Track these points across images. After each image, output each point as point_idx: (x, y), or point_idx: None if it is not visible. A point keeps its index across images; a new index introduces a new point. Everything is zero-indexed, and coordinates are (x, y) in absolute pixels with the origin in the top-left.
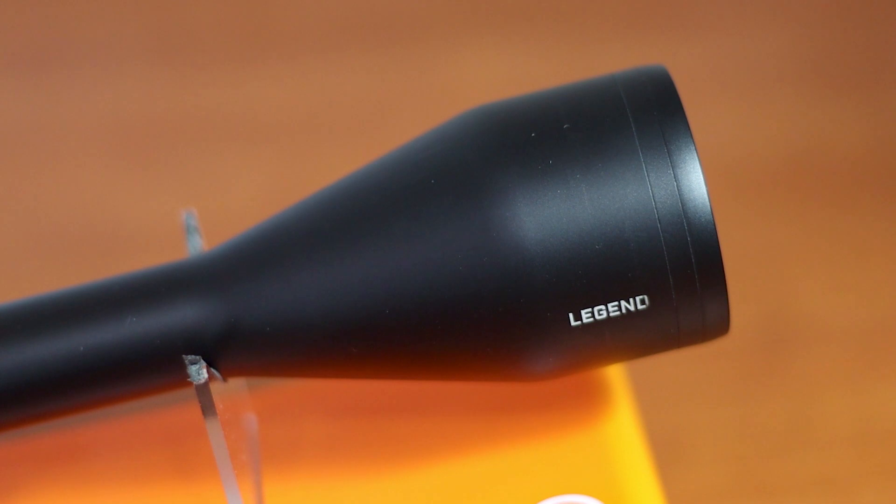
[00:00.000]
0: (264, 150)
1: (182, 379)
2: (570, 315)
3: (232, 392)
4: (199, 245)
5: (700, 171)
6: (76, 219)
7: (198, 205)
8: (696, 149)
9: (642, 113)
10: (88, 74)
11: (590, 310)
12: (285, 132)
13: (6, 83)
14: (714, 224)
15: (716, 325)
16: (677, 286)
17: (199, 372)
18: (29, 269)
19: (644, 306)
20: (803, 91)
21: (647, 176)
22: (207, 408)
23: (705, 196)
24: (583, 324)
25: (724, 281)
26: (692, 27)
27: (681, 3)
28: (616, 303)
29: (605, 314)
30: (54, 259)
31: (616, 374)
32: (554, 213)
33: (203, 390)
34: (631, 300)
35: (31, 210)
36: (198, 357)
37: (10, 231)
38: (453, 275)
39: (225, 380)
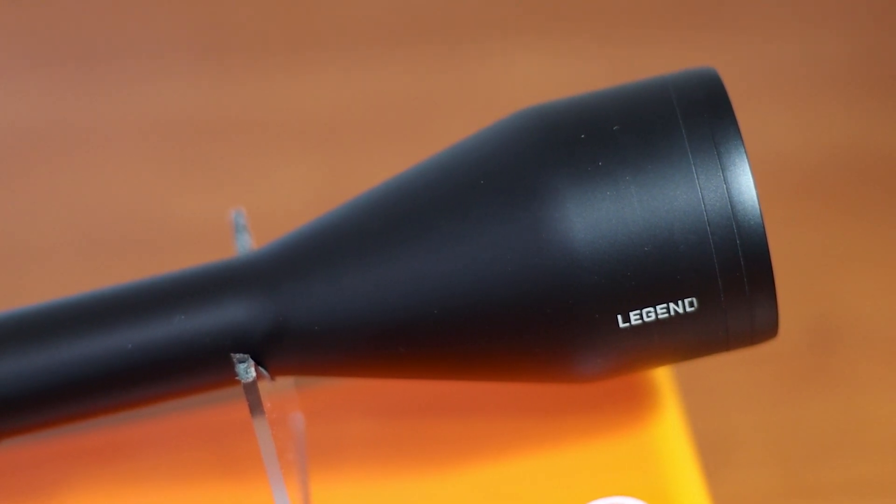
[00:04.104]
0: (313, 150)
1: (230, 377)
2: (619, 317)
3: (279, 391)
4: (247, 244)
5: (750, 173)
6: (124, 217)
7: (246, 204)
8: (745, 151)
9: (692, 115)
10: (138, 72)
11: (638, 312)
12: (334, 132)
13: (53, 81)
14: (763, 227)
15: (764, 327)
16: (726, 289)
17: (247, 370)
18: (78, 266)
19: (692, 309)
20: (851, 94)
21: (697, 178)
22: (255, 406)
23: (755, 199)
24: (631, 326)
25: (773, 284)
26: (740, 29)
27: (728, 5)
28: (664, 305)
29: (653, 316)
30: (103, 257)
31: (663, 376)
32: (603, 215)
33: (251, 389)
34: (679, 302)
35: (79, 208)
36: (246, 356)
37: (60, 228)
38: (502, 275)
39: (273, 379)
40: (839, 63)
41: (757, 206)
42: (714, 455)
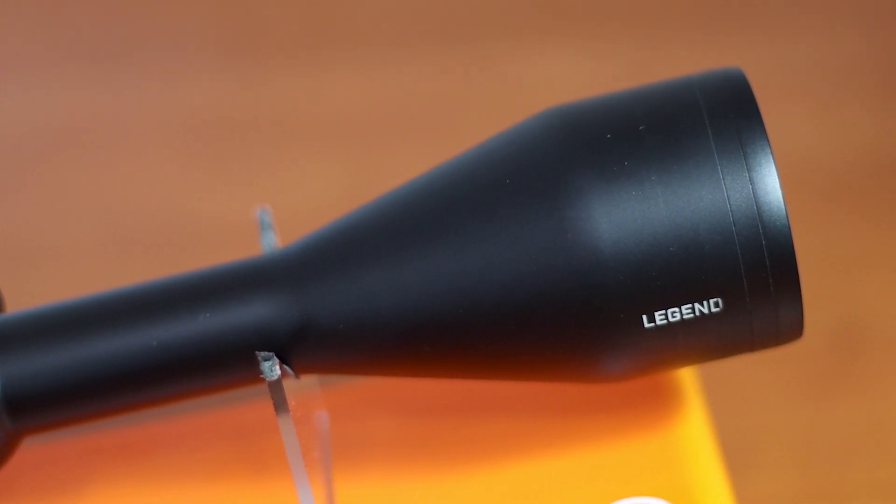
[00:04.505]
0: (338, 148)
1: (255, 375)
2: (644, 317)
3: (304, 389)
4: (273, 242)
5: (776, 174)
6: (149, 215)
7: (271, 202)
8: (771, 152)
9: (718, 115)
10: (163, 70)
11: (663, 312)
12: (359, 131)
13: (77, 78)
14: (789, 227)
15: (789, 328)
16: (751, 289)
17: (272, 369)
18: (103, 264)
19: (718, 309)
20: (875, 95)
21: (723, 179)
22: (280, 404)
23: (780, 199)
24: (656, 326)
25: (799, 284)
26: (766, 30)
27: (754, 5)
28: (690, 305)
29: (678, 316)
30: (128, 254)
31: (688, 377)
32: (629, 215)
33: (276, 387)
34: (704, 303)
35: (105, 205)
36: (271, 354)
37: (86, 226)
38: (527, 275)
39: (297, 377)
40: (862, 64)
41: (783, 206)
42: (738, 456)
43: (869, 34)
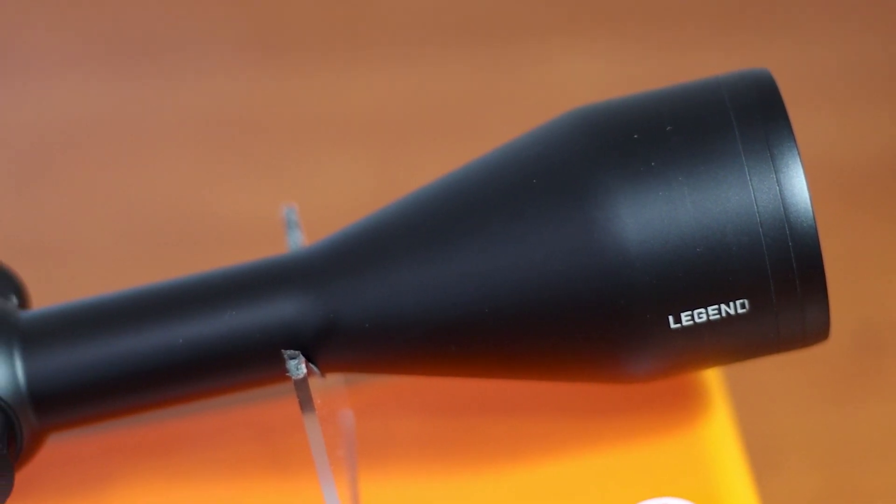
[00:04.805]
0: (365, 147)
1: (280, 373)
2: (670, 317)
3: (329, 388)
4: (299, 240)
5: (803, 175)
6: (176, 212)
7: (298, 200)
8: (799, 153)
9: (745, 116)
10: (191, 68)
11: (689, 312)
12: (386, 129)
13: (106, 75)
14: (816, 229)
15: (815, 330)
16: (778, 290)
17: (297, 367)
18: (129, 261)
19: (744, 310)
20: None
21: (750, 180)
22: (305, 403)
23: (807, 201)
24: (682, 326)
25: (825, 286)
26: (790, 32)
27: (779, 6)
28: (716, 306)
29: (704, 317)
30: (154, 252)
31: (713, 377)
32: (656, 215)
33: (301, 385)
34: (731, 304)
35: (131, 202)
36: (297, 352)
37: (110, 223)
38: (554, 274)
39: (323, 375)
40: (887, 67)
41: (810, 208)
42: (762, 457)
43: (891, 37)
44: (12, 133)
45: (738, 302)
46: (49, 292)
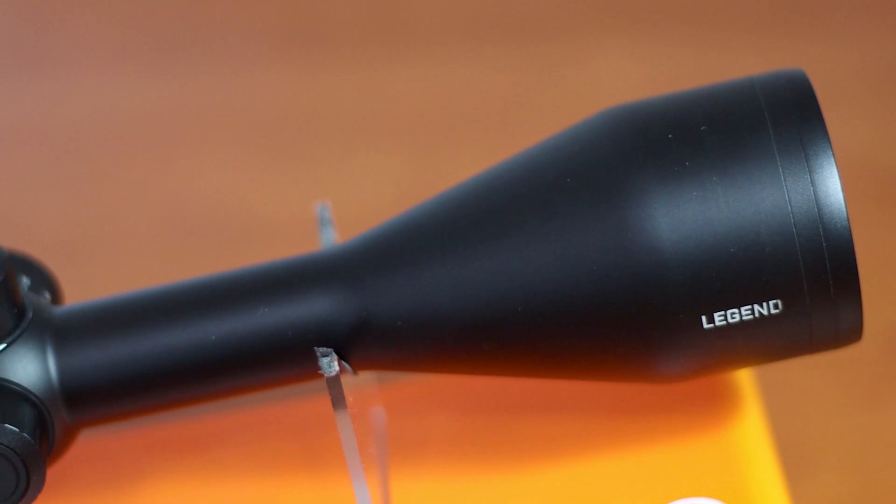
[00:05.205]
0: (399, 145)
1: (313, 371)
2: (703, 317)
3: (361, 385)
4: (332, 238)
5: (837, 176)
6: (210, 208)
7: (331, 197)
8: (833, 154)
9: (780, 117)
10: (228, 64)
11: (723, 313)
12: (421, 127)
13: (145, 72)
14: (850, 230)
15: (849, 331)
16: (811, 291)
17: (330, 364)
18: (162, 257)
19: (777, 311)
20: None
21: (784, 180)
22: (338, 400)
23: (842, 202)
24: (715, 327)
25: (859, 287)
26: (824, 32)
27: (814, 9)
28: (749, 306)
29: (737, 318)
30: (187, 248)
31: (745, 378)
32: (690, 215)
33: (334, 383)
34: (764, 304)
35: (166, 200)
36: (329, 349)
37: (145, 219)
38: (587, 274)
39: (355, 373)
40: None
41: (844, 209)
42: (794, 458)
43: None
44: (50, 130)
45: (771, 302)
46: (84, 288)
